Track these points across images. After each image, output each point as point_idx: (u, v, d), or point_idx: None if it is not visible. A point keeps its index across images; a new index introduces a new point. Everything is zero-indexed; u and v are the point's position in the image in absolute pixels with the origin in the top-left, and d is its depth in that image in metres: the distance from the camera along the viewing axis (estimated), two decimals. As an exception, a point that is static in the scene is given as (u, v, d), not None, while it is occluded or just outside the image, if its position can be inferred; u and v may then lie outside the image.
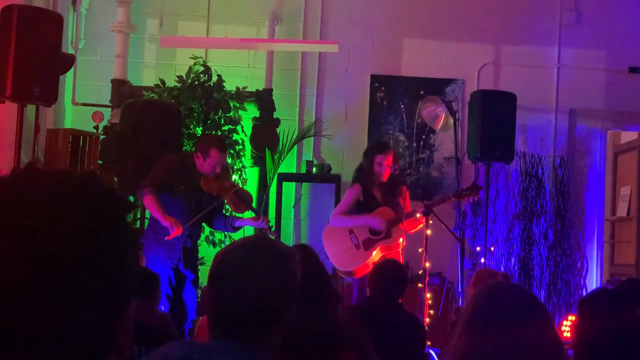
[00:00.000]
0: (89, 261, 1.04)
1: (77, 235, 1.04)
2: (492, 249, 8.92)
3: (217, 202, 6.80)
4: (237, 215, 7.07)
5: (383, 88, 9.45)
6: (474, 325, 2.32)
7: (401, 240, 7.10)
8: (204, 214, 6.73)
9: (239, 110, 8.88)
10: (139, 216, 8.11)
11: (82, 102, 9.16)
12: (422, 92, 9.28)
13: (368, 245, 7.09)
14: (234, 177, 8.19)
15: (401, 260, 6.84)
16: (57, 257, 1.02)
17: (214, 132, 8.48)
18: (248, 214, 7.13)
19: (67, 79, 8.84)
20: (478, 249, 8.63)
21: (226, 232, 8.41)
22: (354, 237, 7.13)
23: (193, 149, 7.46)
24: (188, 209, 6.68)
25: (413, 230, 7.17)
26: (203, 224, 7.09)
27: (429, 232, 7.02)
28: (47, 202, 1.05)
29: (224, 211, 7.20)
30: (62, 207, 1.05)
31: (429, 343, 6.16)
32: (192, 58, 8.86)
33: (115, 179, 8.00)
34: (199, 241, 7.19)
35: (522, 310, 2.33)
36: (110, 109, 8.90)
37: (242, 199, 6.91)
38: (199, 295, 6.87)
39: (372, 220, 7.08)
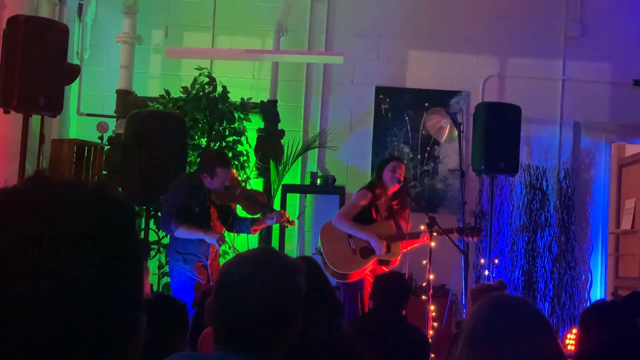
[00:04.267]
0: (99, 272, 1.03)
1: (87, 246, 1.03)
2: (496, 261, 8.91)
3: (232, 214, 6.94)
4: (254, 216, 7.16)
5: (388, 100, 9.46)
6: (476, 338, 2.32)
7: (399, 257, 7.11)
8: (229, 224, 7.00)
9: (244, 122, 8.89)
10: (142, 226, 8.12)
11: (87, 113, 9.18)
12: (426, 104, 9.28)
13: (365, 254, 7.08)
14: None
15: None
16: (67, 268, 1.01)
17: (217, 144, 8.52)
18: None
19: (73, 89, 8.85)
20: (482, 261, 8.61)
21: (231, 244, 8.44)
22: (352, 242, 7.12)
23: (197, 160, 7.56)
24: (208, 228, 6.79)
25: (408, 248, 7.19)
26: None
27: (433, 244, 7.02)
28: (56, 210, 1.04)
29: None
30: (71, 216, 1.04)
31: (433, 355, 6.15)
32: (197, 69, 8.88)
33: (120, 189, 8.01)
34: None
35: (524, 323, 2.32)
36: (115, 120, 8.91)
37: (254, 202, 7.01)
38: None
39: (374, 241, 7.06)
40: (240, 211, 7.45)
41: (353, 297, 6.92)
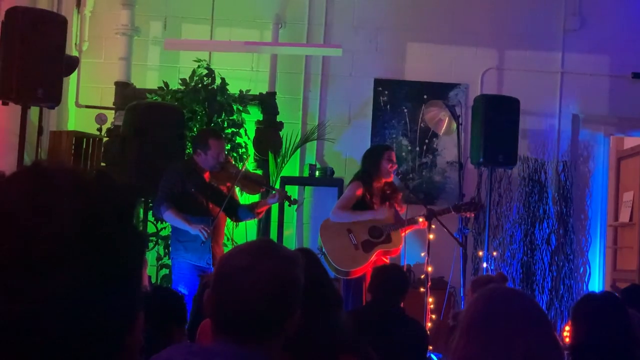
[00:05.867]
0: (97, 268, 1.01)
1: (85, 241, 1.01)
2: (495, 253, 8.91)
3: (229, 194, 6.86)
4: (254, 197, 7.15)
5: (386, 92, 9.45)
6: (473, 330, 2.33)
7: (401, 246, 7.12)
8: (221, 210, 6.82)
9: (242, 114, 8.88)
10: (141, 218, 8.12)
11: (86, 104, 9.17)
12: (425, 97, 9.28)
13: (368, 248, 7.08)
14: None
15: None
16: (63, 264, 1.00)
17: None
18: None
19: (71, 81, 8.85)
20: (480, 253, 8.62)
21: (230, 237, 8.44)
22: (353, 236, 7.12)
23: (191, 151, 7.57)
24: (205, 210, 6.76)
25: (407, 232, 7.21)
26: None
27: (431, 236, 7.03)
28: (53, 203, 1.02)
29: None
30: (68, 211, 1.02)
31: (431, 348, 6.16)
32: (195, 61, 8.87)
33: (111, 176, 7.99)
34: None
35: (520, 315, 2.33)
36: (113, 112, 8.90)
37: (253, 180, 7.01)
38: None
39: (377, 213, 7.08)
40: (243, 200, 7.45)
41: (358, 291, 6.91)
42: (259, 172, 8.92)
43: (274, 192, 7.10)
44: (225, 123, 8.73)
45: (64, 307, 0.99)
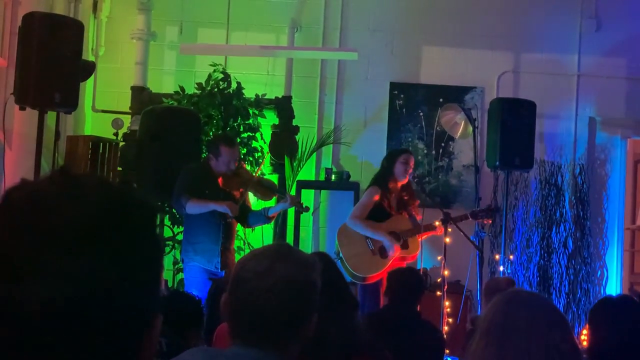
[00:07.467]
0: (117, 272, 1.03)
1: (106, 246, 1.03)
2: (511, 257, 8.89)
3: (241, 200, 6.87)
4: (267, 203, 7.15)
5: (402, 95, 9.45)
6: (492, 332, 2.32)
7: (418, 252, 7.11)
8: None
9: (258, 118, 8.90)
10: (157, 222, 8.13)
11: (102, 109, 9.21)
12: (441, 100, 9.27)
13: (385, 254, 7.07)
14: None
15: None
16: (84, 267, 1.01)
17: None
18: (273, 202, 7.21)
19: (88, 86, 8.88)
20: (497, 257, 8.60)
21: (247, 241, 8.44)
22: (370, 242, 7.11)
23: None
24: (216, 214, 6.76)
25: (424, 237, 7.20)
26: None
27: (448, 240, 7.01)
28: (78, 209, 1.04)
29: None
30: (93, 215, 1.04)
31: (447, 351, 6.15)
32: (211, 65, 8.89)
33: (134, 185, 8.03)
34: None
35: (539, 318, 2.32)
36: (130, 116, 8.93)
37: (266, 186, 7.02)
38: None
39: (387, 242, 7.05)
40: (255, 206, 7.46)
41: (376, 296, 6.90)
42: (275, 176, 8.93)
43: (285, 196, 7.11)
44: (241, 127, 8.74)
45: (87, 293, 1.01)
